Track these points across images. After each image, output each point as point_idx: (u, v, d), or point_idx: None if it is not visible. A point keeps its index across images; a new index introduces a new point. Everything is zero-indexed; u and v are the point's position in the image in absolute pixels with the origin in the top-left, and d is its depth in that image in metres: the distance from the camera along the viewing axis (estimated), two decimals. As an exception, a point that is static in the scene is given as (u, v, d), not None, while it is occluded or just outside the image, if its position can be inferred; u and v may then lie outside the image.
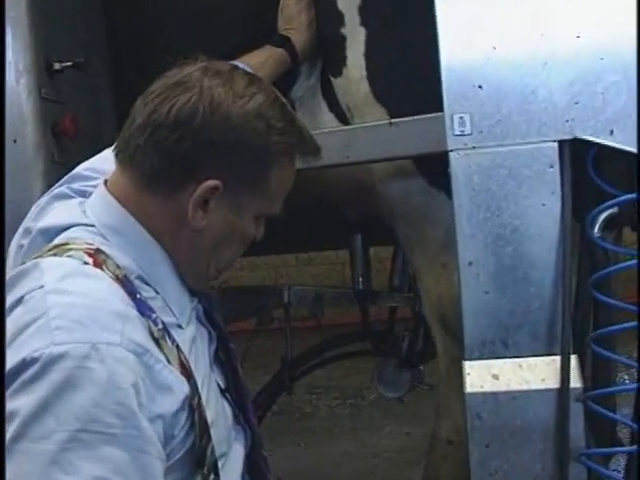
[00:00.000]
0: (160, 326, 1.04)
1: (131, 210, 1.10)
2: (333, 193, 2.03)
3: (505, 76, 1.27)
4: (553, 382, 1.25)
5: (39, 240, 1.13)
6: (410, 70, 1.62)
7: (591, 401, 1.23)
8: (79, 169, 1.28)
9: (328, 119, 1.84)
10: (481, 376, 1.29)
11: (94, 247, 1.06)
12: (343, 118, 1.79)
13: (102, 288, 1.00)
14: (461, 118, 1.29)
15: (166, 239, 1.11)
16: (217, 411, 1.14)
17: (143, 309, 1.03)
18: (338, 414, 4.24)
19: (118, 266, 1.05)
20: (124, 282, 1.04)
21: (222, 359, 1.24)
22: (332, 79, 1.79)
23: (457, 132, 1.30)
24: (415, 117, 1.47)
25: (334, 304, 2.23)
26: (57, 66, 1.57)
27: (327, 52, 1.81)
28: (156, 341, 1.02)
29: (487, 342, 1.31)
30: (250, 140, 1.08)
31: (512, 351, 1.30)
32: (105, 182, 1.14)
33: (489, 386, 1.28)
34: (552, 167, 1.27)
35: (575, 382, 1.24)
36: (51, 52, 1.58)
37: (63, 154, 1.59)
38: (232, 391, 1.23)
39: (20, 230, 1.19)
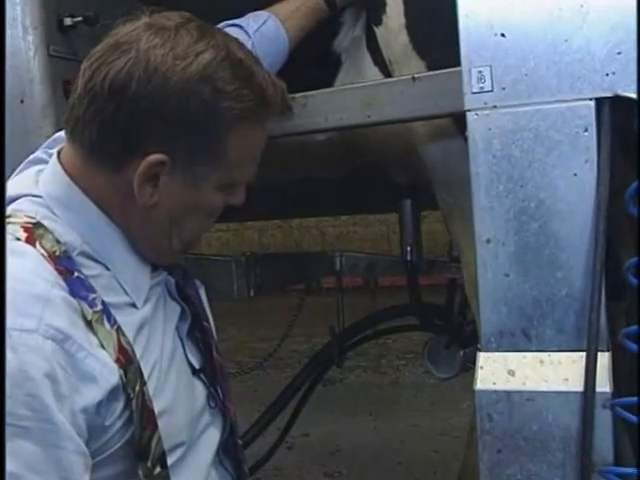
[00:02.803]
0: (98, 307, 0.96)
1: (79, 183, 1.02)
2: (382, 155, 1.88)
3: (532, 22, 1.07)
4: (577, 383, 1.07)
5: None
6: (454, 17, 1.43)
7: (623, 408, 1.05)
8: (63, 132, 1.20)
9: (373, 74, 1.68)
10: (495, 371, 1.12)
11: (34, 221, 0.98)
12: (387, 72, 1.63)
13: (26, 268, 0.93)
14: (480, 72, 1.11)
15: (117, 214, 1.02)
16: (177, 395, 1.05)
17: (78, 289, 0.95)
18: (421, 384, 4.10)
19: (58, 241, 0.97)
20: (60, 259, 0.96)
21: (197, 337, 1.14)
22: (374, 28, 1.63)
23: (475, 89, 1.11)
24: (441, 71, 1.29)
25: (387, 273, 2.09)
26: (68, 21, 1.48)
27: (368, -3, 1.64)
28: (88, 324, 0.94)
29: (506, 332, 1.13)
30: (194, 108, 0.96)
31: (534, 344, 1.12)
32: (59, 151, 1.06)
33: (502, 383, 1.11)
34: (587, 130, 1.07)
35: (602, 385, 1.06)
36: (63, 6, 1.49)
37: (74, 114, 1.51)
38: (207, 372, 1.14)
39: None
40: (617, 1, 1.04)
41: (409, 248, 1.90)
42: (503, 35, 1.09)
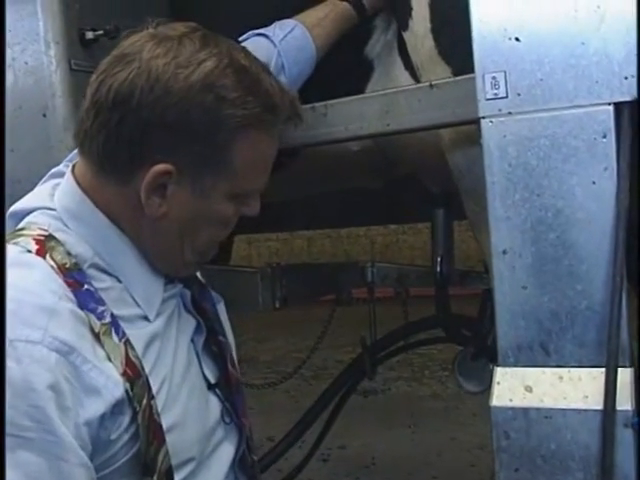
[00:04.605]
0: (107, 320, 0.95)
1: (91, 196, 1.02)
2: (416, 165, 1.85)
3: (547, 24, 1.04)
4: (597, 401, 1.02)
5: (9, 224, 1.07)
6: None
7: (645, 427, 1.00)
8: None
9: (404, 79, 1.65)
10: (512, 387, 1.09)
11: (46, 233, 0.98)
12: (417, 77, 1.60)
13: (34, 279, 0.93)
14: (494, 78, 1.08)
15: (128, 226, 1.02)
16: (188, 410, 1.04)
17: (86, 301, 0.94)
18: (463, 396, 4.01)
19: (69, 253, 0.97)
20: (70, 272, 0.95)
21: (213, 351, 1.13)
22: (403, 33, 1.60)
23: (489, 95, 1.08)
24: (458, 77, 1.26)
25: (419, 284, 2.05)
26: (90, 35, 1.49)
27: (395, 2, 1.61)
28: (96, 336, 0.93)
29: (524, 347, 1.09)
30: (197, 116, 0.95)
31: (553, 359, 1.08)
32: (74, 165, 1.06)
33: (519, 400, 1.07)
34: (605, 137, 1.03)
35: (624, 403, 1.01)
36: (85, 20, 1.51)
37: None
38: (223, 387, 1.13)
39: None
40: (635, 1, 0.99)
41: (439, 259, 1.86)
42: (517, 39, 1.06)
